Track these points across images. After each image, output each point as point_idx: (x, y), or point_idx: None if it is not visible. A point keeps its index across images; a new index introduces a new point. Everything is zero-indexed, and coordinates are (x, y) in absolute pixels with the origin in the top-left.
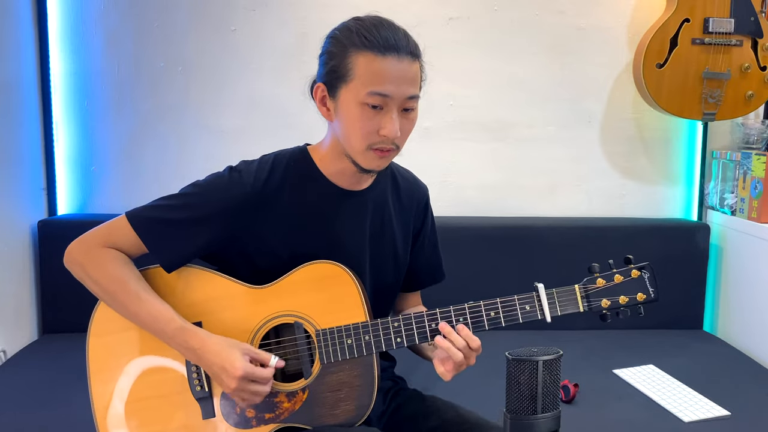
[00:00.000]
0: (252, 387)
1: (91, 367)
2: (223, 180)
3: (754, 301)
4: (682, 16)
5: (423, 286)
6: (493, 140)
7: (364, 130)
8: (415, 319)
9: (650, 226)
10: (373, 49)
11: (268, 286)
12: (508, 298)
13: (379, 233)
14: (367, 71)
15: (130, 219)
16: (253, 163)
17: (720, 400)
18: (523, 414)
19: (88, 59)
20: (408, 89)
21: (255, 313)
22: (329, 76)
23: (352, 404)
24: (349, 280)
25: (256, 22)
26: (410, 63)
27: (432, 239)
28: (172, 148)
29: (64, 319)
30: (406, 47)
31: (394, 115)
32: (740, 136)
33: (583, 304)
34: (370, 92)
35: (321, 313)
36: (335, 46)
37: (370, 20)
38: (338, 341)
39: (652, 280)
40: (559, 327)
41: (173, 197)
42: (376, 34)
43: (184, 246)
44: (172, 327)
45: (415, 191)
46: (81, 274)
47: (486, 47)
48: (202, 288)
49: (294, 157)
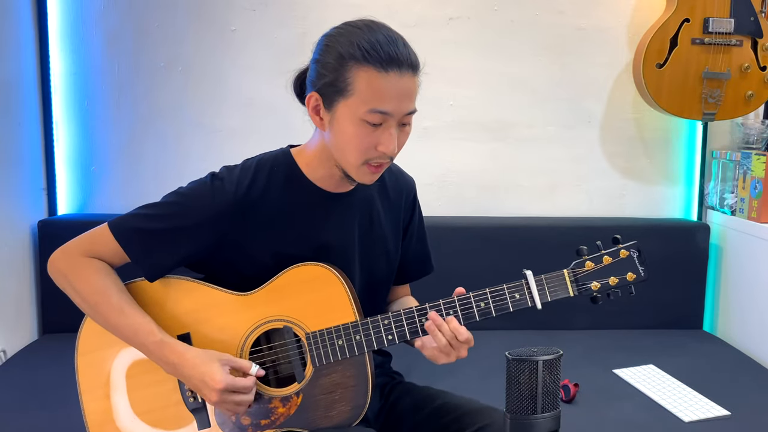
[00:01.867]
0: (235, 398)
1: (82, 385)
2: (206, 188)
3: (754, 301)
4: (682, 16)
5: (412, 279)
6: (492, 140)
7: (362, 146)
8: (405, 315)
9: (650, 226)
10: (375, 64)
11: (254, 292)
12: (497, 287)
13: (368, 233)
14: (368, 88)
15: (112, 229)
16: (236, 168)
17: (720, 400)
18: (523, 414)
19: (88, 59)
20: (408, 105)
21: (243, 320)
22: (326, 88)
23: (348, 405)
24: (336, 280)
25: (256, 22)
26: (411, 77)
27: (420, 232)
28: (172, 148)
29: (64, 319)
30: (407, 60)
31: (393, 131)
32: (740, 136)
33: (573, 289)
34: (370, 110)
35: (310, 315)
36: (333, 57)
37: (368, 28)
38: (329, 343)
39: (642, 259)
40: (559, 327)
41: (156, 206)
42: (377, 47)
43: (167, 256)
44: (150, 340)
45: (403, 185)
46: (64, 283)
47: (486, 47)
48: (188, 298)
49: (277, 162)
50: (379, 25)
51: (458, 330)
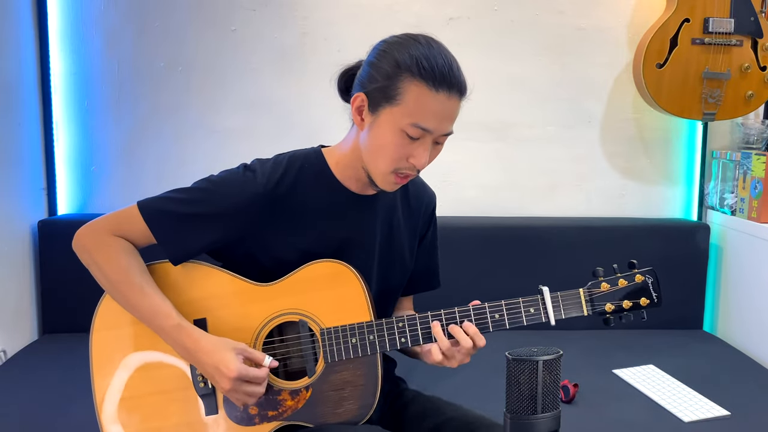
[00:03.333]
0: (246, 388)
1: (94, 360)
2: (238, 178)
3: (754, 301)
4: (682, 16)
5: (417, 291)
6: (493, 140)
7: (395, 155)
8: (420, 320)
9: (650, 226)
10: (428, 80)
11: (273, 284)
12: (512, 300)
13: (388, 238)
14: (416, 102)
15: (141, 209)
16: (268, 162)
17: (720, 400)
18: (523, 414)
19: (88, 59)
20: (448, 126)
21: (260, 310)
22: (376, 92)
23: (356, 403)
24: (355, 279)
25: (256, 22)
26: (457, 101)
27: (433, 246)
28: (172, 148)
29: (64, 319)
30: (457, 84)
31: (428, 147)
32: (740, 136)
33: (587, 308)
34: (413, 124)
35: (326, 311)
36: (389, 63)
37: (428, 43)
38: (342, 340)
39: (656, 285)
40: (559, 327)
41: (187, 191)
42: (433, 64)
43: (193, 241)
44: (168, 323)
45: (424, 196)
46: (88, 259)
47: (486, 47)
48: (207, 284)
49: (308, 159)
50: (438, 43)
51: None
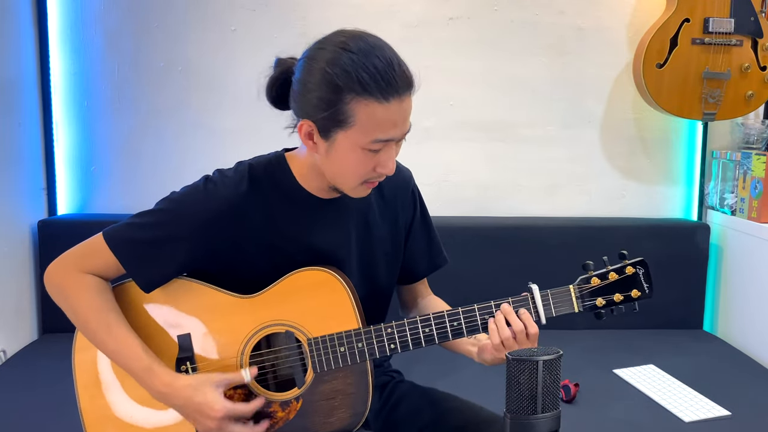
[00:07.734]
0: (234, 428)
1: (79, 382)
2: (199, 193)
3: (754, 301)
4: (682, 16)
5: (424, 275)
6: (493, 140)
7: (362, 171)
8: (408, 325)
9: (650, 226)
10: (375, 94)
11: (256, 295)
12: (501, 300)
13: (365, 237)
14: (369, 120)
15: (108, 240)
16: (229, 172)
17: (720, 400)
18: (523, 414)
19: (88, 59)
20: (407, 126)
21: (245, 322)
22: (324, 120)
23: (347, 412)
24: (340, 286)
25: (256, 22)
26: (408, 98)
27: (424, 226)
28: (172, 148)
29: (64, 319)
30: (405, 83)
31: (393, 152)
32: (740, 136)
33: (578, 305)
34: (374, 141)
35: (312, 321)
36: (328, 89)
37: (362, 52)
38: (331, 350)
39: (647, 276)
40: (559, 327)
41: (149, 214)
42: (376, 77)
43: (165, 265)
44: (138, 366)
45: (399, 182)
46: (59, 298)
47: (486, 47)
48: (190, 299)
49: (270, 166)
50: (370, 43)
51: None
